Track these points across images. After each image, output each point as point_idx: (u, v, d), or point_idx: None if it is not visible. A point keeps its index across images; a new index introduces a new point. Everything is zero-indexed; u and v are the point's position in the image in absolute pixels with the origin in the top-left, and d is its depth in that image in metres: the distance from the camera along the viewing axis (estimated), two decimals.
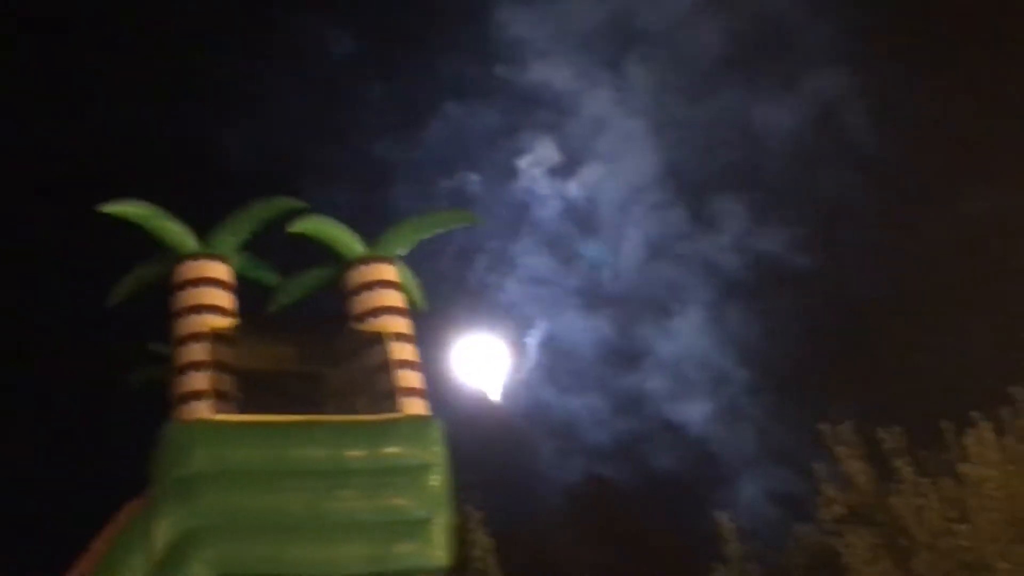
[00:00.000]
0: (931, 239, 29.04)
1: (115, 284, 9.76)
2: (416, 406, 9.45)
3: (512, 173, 36.08)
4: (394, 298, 9.82)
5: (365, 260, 9.85)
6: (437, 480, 9.17)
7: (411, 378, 9.57)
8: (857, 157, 31.41)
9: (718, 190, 34.50)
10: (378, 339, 9.61)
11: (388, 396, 9.45)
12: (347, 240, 9.83)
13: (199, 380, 9.05)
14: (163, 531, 8.43)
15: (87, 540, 8.72)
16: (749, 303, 33.14)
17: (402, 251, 10.03)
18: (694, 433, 32.75)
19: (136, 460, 8.91)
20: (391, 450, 9.11)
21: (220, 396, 9.11)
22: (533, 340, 35.21)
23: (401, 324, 9.77)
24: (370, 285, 9.79)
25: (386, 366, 9.52)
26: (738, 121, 34.58)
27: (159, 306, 9.59)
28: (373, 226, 10.16)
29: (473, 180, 35.64)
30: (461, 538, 14.09)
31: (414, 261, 10.28)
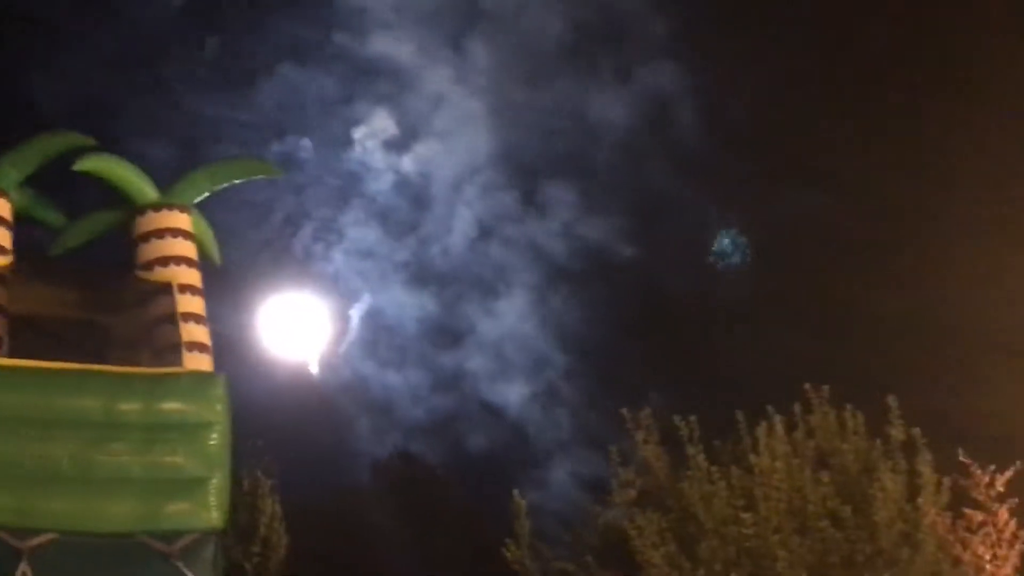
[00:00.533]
0: (749, 239, 29.89)
1: None
2: (199, 361, 9.13)
3: (346, 142, 35.52)
4: (185, 248, 9.47)
5: (156, 206, 9.45)
6: (216, 439, 8.85)
7: (197, 332, 9.25)
8: (682, 154, 32.07)
9: (550, 176, 34.74)
10: (165, 289, 9.23)
11: (171, 350, 9.10)
12: (138, 183, 9.41)
13: None
14: None
15: None
16: (573, 289, 33.51)
17: (196, 199, 9.65)
18: (510, 414, 32.93)
19: None
20: (169, 405, 8.74)
21: None
22: (356, 313, 34.81)
23: (191, 275, 9.43)
24: (160, 232, 9.42)
25: (171, 318, 9.15)
26: (574, 109, 34.84)
27: None
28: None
29: (305, 146, 34.95)
30: (250, 504, 13.81)
31: (216, 214, 9.94)
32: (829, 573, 12.71)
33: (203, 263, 9.93)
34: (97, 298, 9.38)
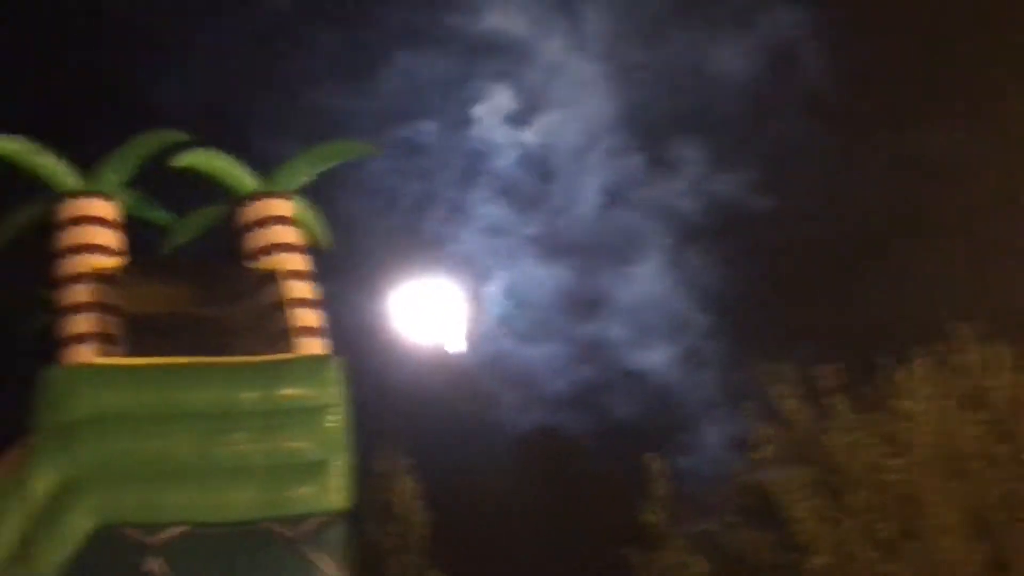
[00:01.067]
0: (883, 179, 28.83)
1: None
2: (312, 346, 9.10)
3: (467, 122, 35.53)
4: (289, 234, 9.44)
5: (257, 195, 9.45)
6: (334, 421, 8.83)
7: (307, 317, 9.21)
8: (811, 99, 31.07)
9: (676, 134, 34.08)
10: (272, 277, 9.24)
11: (283, 336, 9.09)
12: (238, 175, 9.42)
13: (82, 322, 8.70)
14: (42, 480, 8.06)
15: None
16: (708, 247, 32.84)
17: (296, 185, 9.62)
18: (654, 380, 32.48)
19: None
20: (285, 391, 8.75)
21: (105, 339, 8.75)
22: (491, 290, 34.88)
23: (297, 261, 9.40)
24: (263, 221, 9.41)
25: (280, 305, 9.15)
26: (695, 64, 34.10)
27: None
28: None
29: (427, 129, 35.07)
30: (386, 484, 13.89)
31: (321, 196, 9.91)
32: (986, 515, 12.16)
33: (313, 248, 9.92)
34: (208, 292, 9.42)
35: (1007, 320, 15.41)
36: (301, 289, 9.29)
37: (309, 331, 9.17)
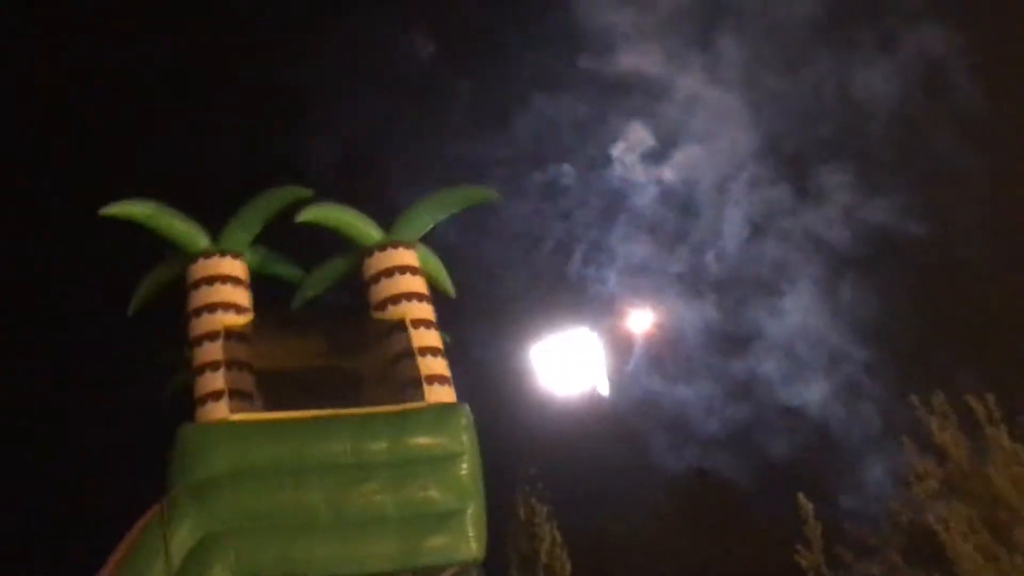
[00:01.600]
0: None
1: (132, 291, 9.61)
2: (440, 393, 9.06)
3: (605, 161, 35.33)
4: (414, 283, 9.45)
5: (382, 246, 9.50)
6: (467, 469, 8.76)
7: (435, 365, 9.19)
8: (962, 117, 29.96)
9: (821, 162, 33.23)
10: (399, 326, 9.25)
11: (412, 384, 9.08)
12: (361, 226, 9.49)
13: (215, 380, 8.84)
14: (181, 536, 8.18)
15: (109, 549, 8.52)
16: (860, 276, 31.82)
17: (420, 233, 9.65)
18: (812, 417, 31.51)
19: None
20: (416, 440, 8.73)
21: (238, 395, 8.89)
22: (638, 330, 34.49)
23: (423, 310, 9.40)
24: (389, 271, 9.44)
25: (408, 353, 9.15)
26: (837, 88, 33.24)
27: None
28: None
29: (566, 172, 35.00)
30: (529, 532, 13.74)
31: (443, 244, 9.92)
32: None
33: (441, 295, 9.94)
34: (337, 344, 9.52)
35: None
36: (428, 337, 9.27)
37: (437, 379, 9.14)
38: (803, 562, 12.74)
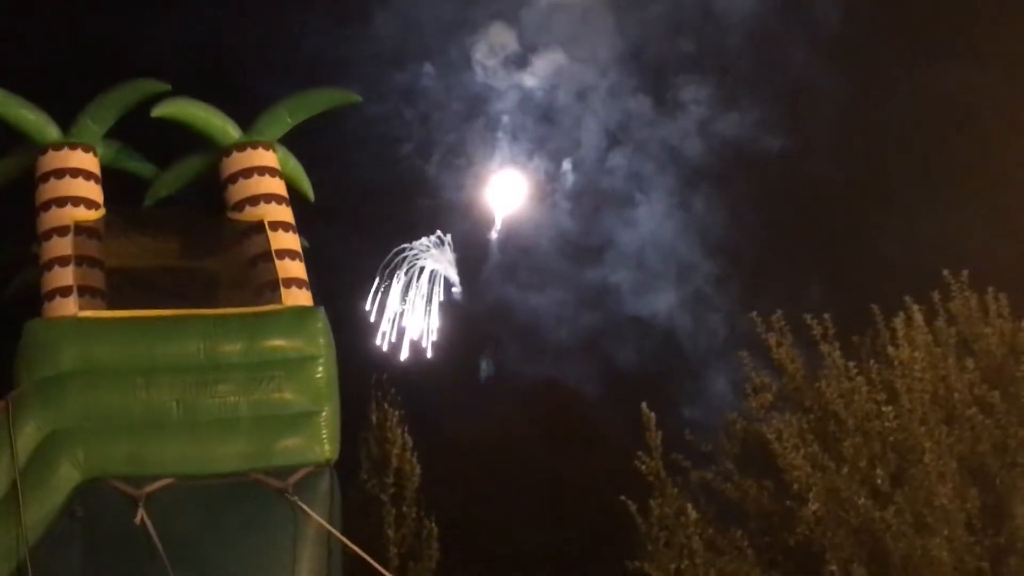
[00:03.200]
0: (898, 119, 28.29)
1: None
2: (298, 296, 9.06)
3: (467, 63, 34.94)
4: (273, 185, 9.37)
5: (240, 146, 9.36)
6: (322, 373, 8.80)
7: (293, 268, 9.17)
8: (822, 35, 30.41)
9: (679, 73, 33.43)
10: (257, 228, 9.18)
11: (269, 287, 9.05)
12: (219, 124, 9.32)
13: (64, 275, 8.65)
14: (27, 433, 8.05)
15: None
16: (714, 189, 32.36)
17: (279, 134, 9.53)
18: (660, 327, 32.17)
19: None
20: (271, 343, 8.72)
21: (88, 292, 8.73)
22: (494, 237, 34.63)
23: (282, 212, 9.34)
24: (247, 172, 9.32)
25: (266, 256, 9.09)
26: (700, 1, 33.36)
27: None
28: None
29: (427, 72, 34.52)
30: (381, 437, 13.91)
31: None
32: (980, 461, 12.14)
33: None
34: (192, 244, 9.39)
35: (1004, 265, 15.36)
36: (287, 240, 9.23)
37: (295, 282, 9.13)
38: (643, 467, 13.20)
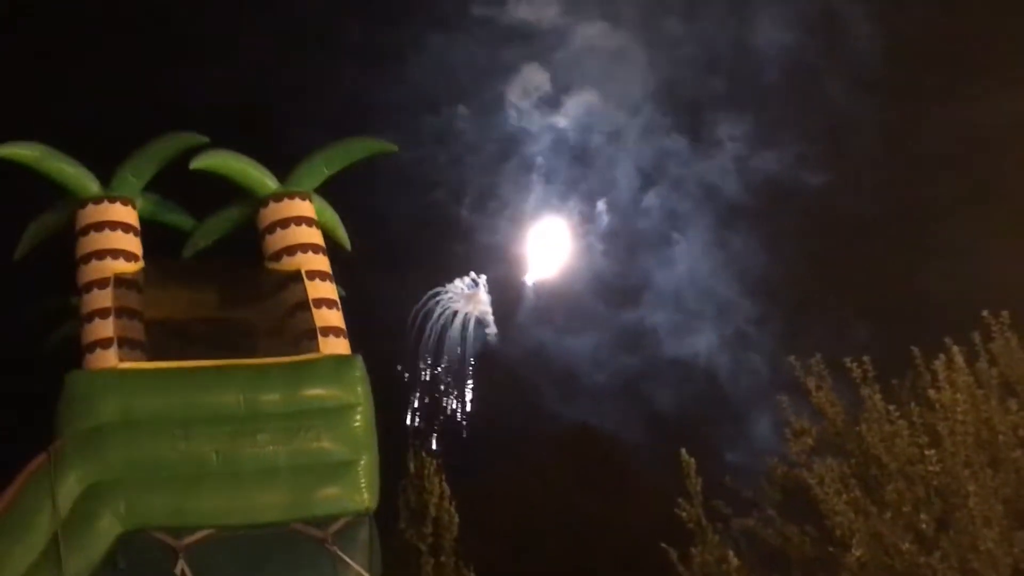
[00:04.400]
0: (937, 151, 27.93)
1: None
2: (336, 345, 9.06)
3: (500, 105, 34.97)
4: (310, 235, 9.41)
5: (277, 196, 9.43)
6: (360, 421, 8.78)
7: (330, 317, 9.18)
8: (858, 68, 30.15)
9: (715, 110, 33.25)
10: (295, 277, 9.22)
11: (307, 336, 9.07)
12: (256, 175, 9.40)
13: (104, 327, 8.69)
14: (68, 486, 8.05)
15: None
16: (753, 226, 31.97)
17: (315, 184, 9.61)
18: (700, 368, 31.80)
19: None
20: (309, 392, 8.72)
21: (128, 344, 8.76)
22: (530, 280, 34.57)
23: (318, 261, 9.37)
24: (284, 222, 9.37)
25: (304, 305, 9.12)
26: (733, 36, 33.21)
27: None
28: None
29: (461, 115, 34.62)
30: (419, 486, 13.87)
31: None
32: None
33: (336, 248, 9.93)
34: (230, 294, 9.44)
35: None
36: (323, 289, 9.26)
37: (333, 331, 9.14)
38: (683, 515, 13.10)
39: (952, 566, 11.70)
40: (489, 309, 32.08)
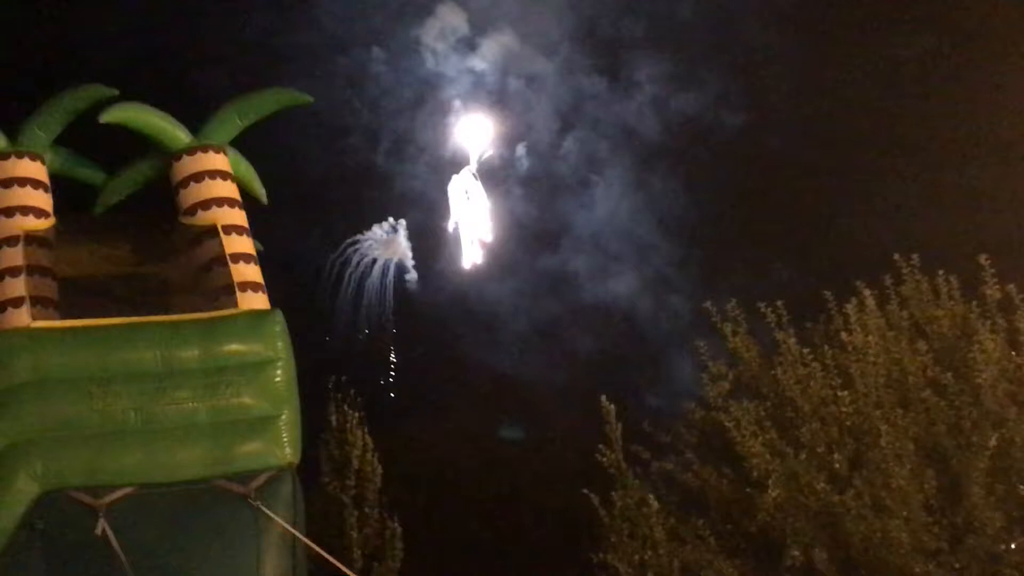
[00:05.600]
0: (854, 91, 28.17)
1: None
2: (254, 300, 8.95)
3: (416, 47, 34.42)
4: (225, 188, 9.25)
5: (191, 149, 9.25)
6: (281, 376, 8.70)
7: (248, 271, 9.06)
8: (777, 8, 30.18)
9: (633, 49, 33.08)
10: (210, 232, 9.08)
11: (224, 291, 8.95)
12: (169, 128, 9.20)
13: (15, 286, 8.47)
14: None
15: None
16: (672, 167, 32.07)
17: (229, 137, 9.44)
18: (621, 311, 31.93)
19: None
20: (227, 347, 8.59)
21: (40, 302, 8.58)
22: (449, 226, 34.38)
23: (235, 215, 9.22)
24: (198, 176, 9.18)
25: (220, 260, 9.00)
26: None
27: None
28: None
29: (375, 57, 34.05)
30: (340, 438, 13.86)
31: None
32: (936, 442, 12.32)
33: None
34: (145, 250, 9.28)
35: (946, 249, 15.55)
36: (241, 243, 9.14)
37: (251, 286, 9.02)
38: (604, 460, 13.27)
39: (865, 503, 12.02)
40: (409, 254, 31.91)
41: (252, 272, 9.11)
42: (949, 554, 12.06)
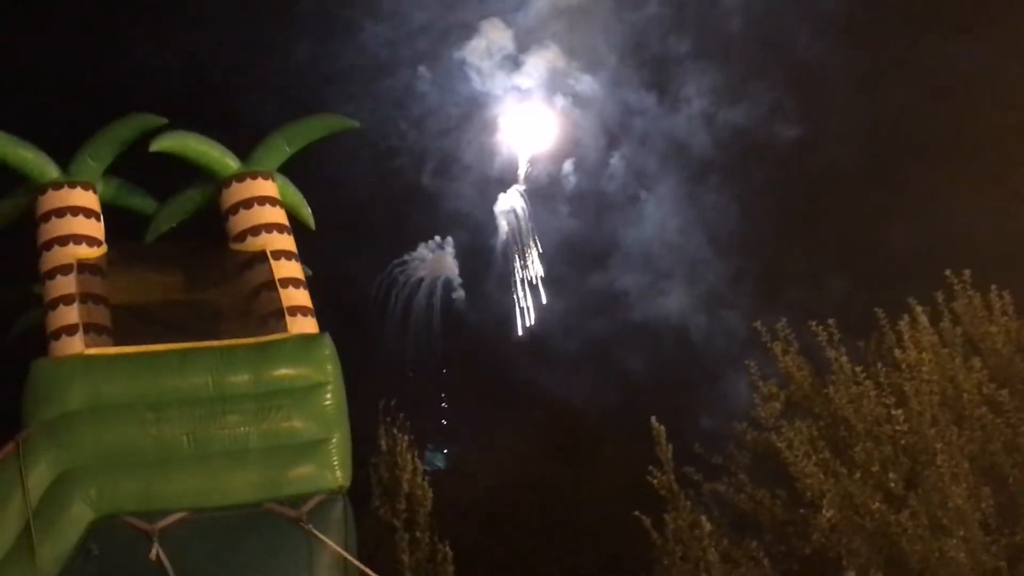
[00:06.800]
0: (908, 104, 27.71)
1: None
2: (303, 324, 9.04)
3: (461, 66, 34.45)
4: (274, 214, 9.38)
5: (239, 176, 9.38)
6: (330, 399, 8.78)
7: (297, 296, 9.16)
8: (826, 19, 29.83)
9: (682, 64, 32.83)
10: (260, 257, 9.18)
11: (274, 316, 9.04)
12: (217, 155, 9.34)
13: (69, 314, 8.63)
14: (39, 473, 8.02)
15: None
16: (722, 182, 31.73)
17: (277, 163, 9.55)
18: (672, 330, 31.55)
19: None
20: (278, 372, 8.70)
21: (93, 329, 8.71)
22: (495, 245, 34.36)
23: (283, 241, 9.34)
24: (247, 202, 9.33)
25: (270, 285, 9.09)
26: None
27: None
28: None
29: (421, 77, 34.14)
30: (390, 462, 13.88)
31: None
32: (992, 460, 12.12)
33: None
34: (195, 276, 9.38)
35: (1000, 264, 15.34)
36: (289, 268, 9.23)
37: (300, 310, 9.11)
38: (655, 482, 13.17)
39: (922, 523, 11.82)
40: (456, 272, 31.95)
41: (301, 296, 9.19)
42: (1008, 574, 11.84)
